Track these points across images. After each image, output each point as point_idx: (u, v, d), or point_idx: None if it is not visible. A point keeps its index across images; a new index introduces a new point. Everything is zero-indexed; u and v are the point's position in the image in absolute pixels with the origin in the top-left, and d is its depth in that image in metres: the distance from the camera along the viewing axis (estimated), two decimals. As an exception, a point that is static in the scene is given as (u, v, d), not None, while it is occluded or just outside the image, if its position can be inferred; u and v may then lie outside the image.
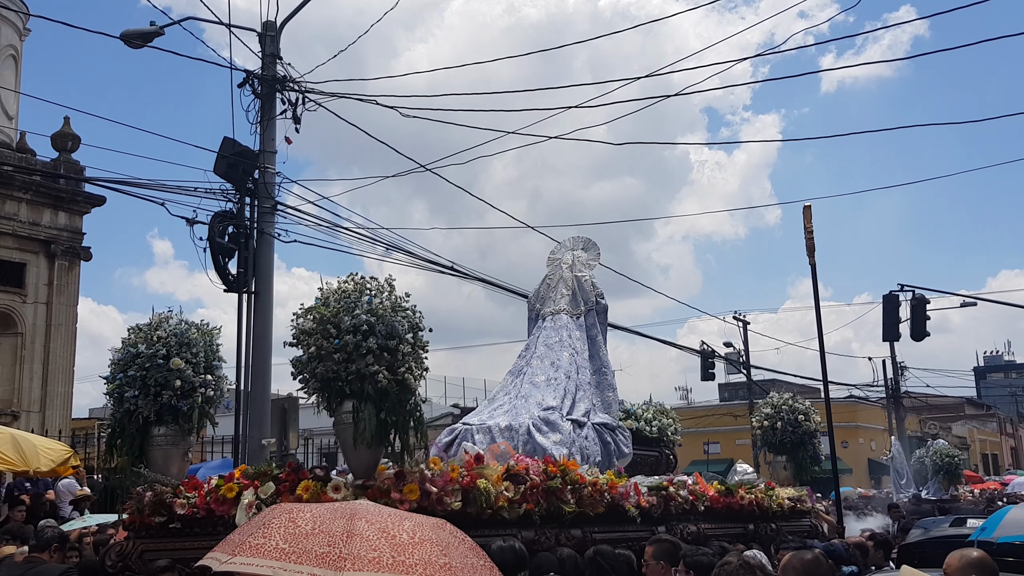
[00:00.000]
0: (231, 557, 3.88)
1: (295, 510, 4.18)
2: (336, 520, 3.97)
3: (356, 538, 3.84)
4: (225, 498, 6.64)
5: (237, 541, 4.04)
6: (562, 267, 11.13)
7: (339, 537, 3.83)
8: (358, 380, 6.42)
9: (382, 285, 6.83)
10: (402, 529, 4.02)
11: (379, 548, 3.83)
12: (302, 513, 4.08)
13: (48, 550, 7.26)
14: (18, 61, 23.26)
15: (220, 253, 12.97)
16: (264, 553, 3.80)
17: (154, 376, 7.26)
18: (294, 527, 3.92)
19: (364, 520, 4.00)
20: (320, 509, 4.20)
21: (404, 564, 3.80)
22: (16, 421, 19.95)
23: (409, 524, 4.11)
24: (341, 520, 3.97)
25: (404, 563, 3.81)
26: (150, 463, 7.34)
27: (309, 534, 3.86)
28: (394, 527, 4.02)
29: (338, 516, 4.02)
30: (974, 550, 4.87)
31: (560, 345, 10.31)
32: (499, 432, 9.07)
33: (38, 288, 21.92)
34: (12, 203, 21.51)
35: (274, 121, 13.51)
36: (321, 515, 4.03)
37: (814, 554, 4.90)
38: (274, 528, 3.94)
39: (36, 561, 6.69)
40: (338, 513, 4.08)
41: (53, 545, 7.75)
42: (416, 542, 3.94)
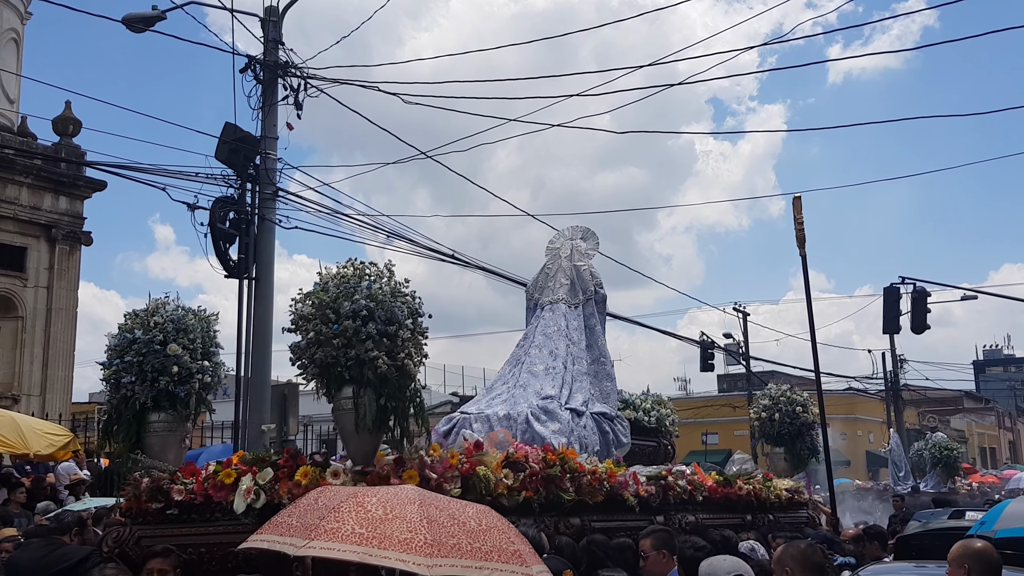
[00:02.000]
0: (308, 541, 3.82)
1: (359, 493, 4.16)
2: (406, 505, 3.94)
3: (435, 525, 3.84)
4: (223, 484, 6.61)
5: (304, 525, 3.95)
6: (561, 256, 11.10)
7: (418, 523, 3.81)
8: (357, 366, 6.39)
9: (381, 271, 6.79)
10: (468, 516, 4.03)
11: (456, 535, 3.84)
12: (368, 497, 4.05)
13: (68, 533, 7.27)
14: (20, 44, 23.18)
15: (221, 239, 12.96)
16: (343, 537, 3.76)
17: (151, 362, 7.22)
18: (364, 512, 3.88)
19: (434, 507, 3.99)
20: (383, 493, 4.17)
21: (480, 551, 3.81)
22: (16, 404, 19.96)
23: (472, 511, 4.12)
24: (412, 506, 3.94)
25: (480, 550, 3.82)
26: (147, 449, 7.31)
27: (384, 519, 3.83)
28: (461, 514, 4.02)
29: (406, 501, 3.99)
30: (978, 541, 4.87)
31: (559, 334, 10.30)
32: (498, 421, 9.07)
33: (39, 272, 21.90)
34: (13, 187, 21.48)
35: (276, 107, 13.47)
36: (388, 500, 4.00)
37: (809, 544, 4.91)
38: (345, 512, 3.89)
39: (58, 543, 6.71)
40: (404, 498, 4.04)
41: (74, 529, 7.76)
42: (484, 529, 3.96)
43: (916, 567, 7.31)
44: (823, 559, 4.79)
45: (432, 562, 3.68)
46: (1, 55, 21.86)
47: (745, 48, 27.99)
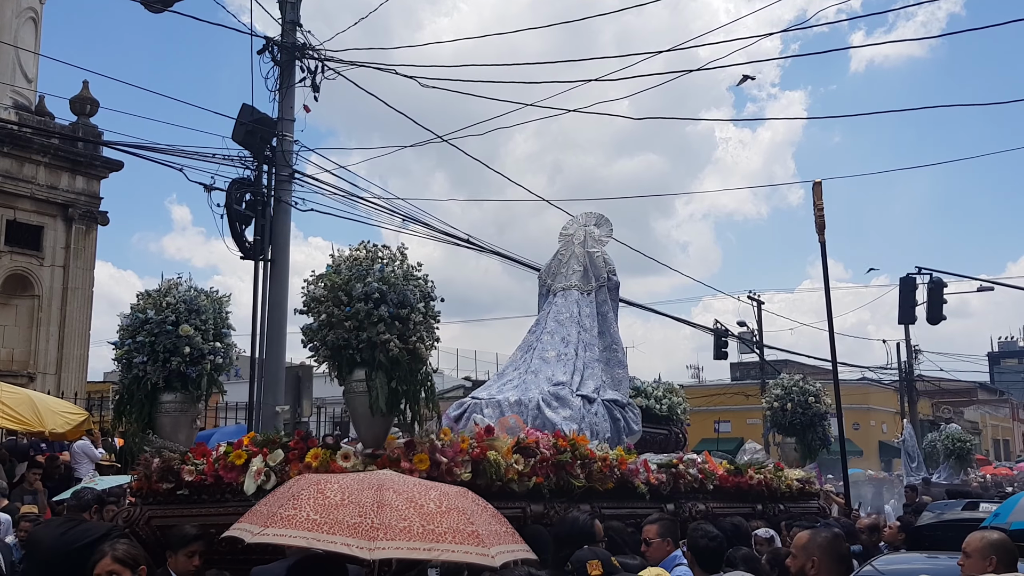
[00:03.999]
0: (263, 528, 3.93)
1: (322, 481, 4.22)
2: (364, 491, 4.00)
3: (386, 508, 3.88)
4: (233, 465, 6.64)
5: (267, 512, 4.08)
6: (574, 243, 11.06)
7: (369, 507, 3.87)
8: (369, 348, 6.38)
9: (394, 254, 6.77)
10: (429, 499, 4.06)
11: (409, 518, 3.87)
12: (329, 484, 4.12)
13: (88, 510, 7.33)
14: (38, 24, 23.21)
15: (237, 220, 12.98)
16: (296, 524, 3.84)
17: (163, 342, 7.23)
18: (323, 498, 3.96)
19: (392, 490, 4.04)
20: (347, 480, 4.24)
21: (433, 533, 3.84)
22: (32, 383, 20.10)
23: (435, 493, 4.16)
24: (369, 491, 4.00)
25: (433, 532, 3.85)
26: (159, 429, 7.33)
27: (339, 505, 3.90)
28: (421, 497, 4.06)
29: (366, 487, 4.06)
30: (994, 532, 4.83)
31: (571, 321, 10.27)
32: (509, 407, 9.06)
33: (55, 251, 22.01)
34: (30, 166, 21.55)
35: (293, 89, 13.46)
36: (349, 486, 4.07)
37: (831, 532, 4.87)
38: (303, 499, 3.97)
39: (78, 519, 6.77)
40: (365, 484, 4.11)
41: (93, 507, 7.82)
42: (443, 511, 3.98)
43: (929, 557, 7.28)
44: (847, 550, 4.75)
45: (375, 545, 3.74)
46: (19, 34, 21.90)
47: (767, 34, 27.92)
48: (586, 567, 4.55)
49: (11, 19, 21.70)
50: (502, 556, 3.92)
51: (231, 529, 4.23)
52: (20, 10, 22.11)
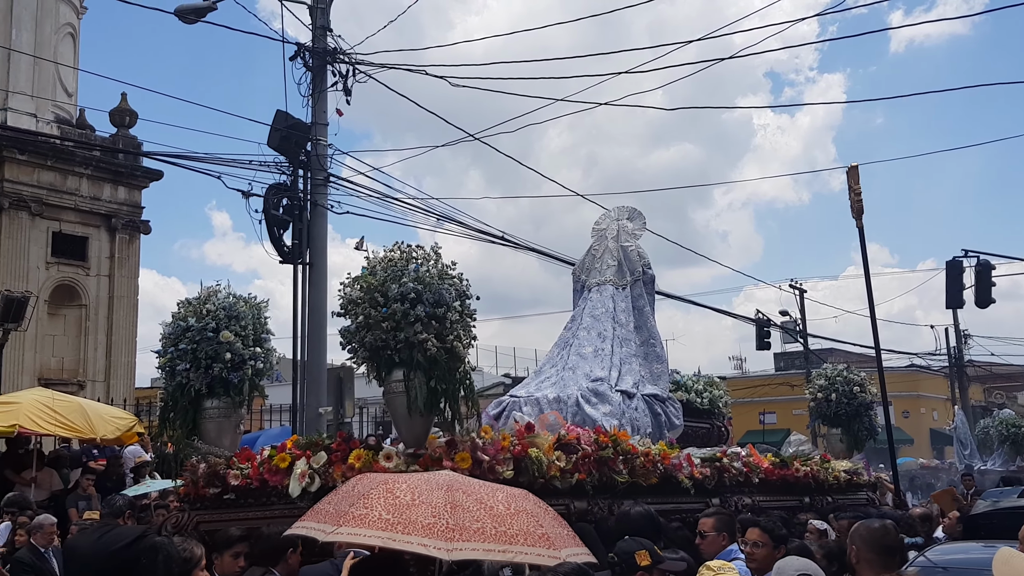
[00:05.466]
0: (336, 527, 3.95)
1: (390, 480, 4.24)
2: (434, 491, 4.01)
3: (459, 509, 3.90)
4: (278, 468, 6.69)
5: (335, 512, 4.08)
6: (607, 237, 10.99)
7: (442, 508, 3.88)
8: (407, 348, 6.40)
9: (428, 253, 6.79)
10: (497, 500, 4.07)
11: (481, 519, 3.89)
12: (398, 484, 4.13)
13: (122, 516, 7.46)
14: (76, 39, 23.61)
15: (275, 225, 13.10)
16: (370, 523, 3.86)
17: (204, 349, 7.30)
18: (393, 498, 3.97)
19: (461, 491, 4.06)
20: (415, 480, 4.25)
21: (506, 535, 3.85)
22: (82, 390, 20.45)
23: (502, 495, 4.17)
24: (439, 491, 4.01)
25: (505, 534, 3.86)
26: (203, 435, 7.41)
27: (411, 505, 3.91)
28: (489, 498, 4.07)
29: (435, 487, 4.07)
30: None
31: (606, 316, 10.20)
32: (547, 404, 9.03)
33: (100, 261, 22.38)
34: (74, 178, 21.93)
35: (325, 93, 13.55)
36: (418, 486, 4.08)
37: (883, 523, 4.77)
38: (373, 499, 3.98)
39: (112, 524, 6.88)
40: (434, 484, 4.12)
41: (127, 512, 7.94)
42: (512, 513, 4.00)
43: (985, 546, 7.14)
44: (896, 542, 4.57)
45: (452, 546, 3.74)
46: (59, 49, 22.28)
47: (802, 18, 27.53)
48: (634, 557, 4.49)
49: (50, 35, 22.08)
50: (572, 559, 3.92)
51: (300, 528, 4.23)
52: (59, 26, 22.50)
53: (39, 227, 21.23)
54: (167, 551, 4.69)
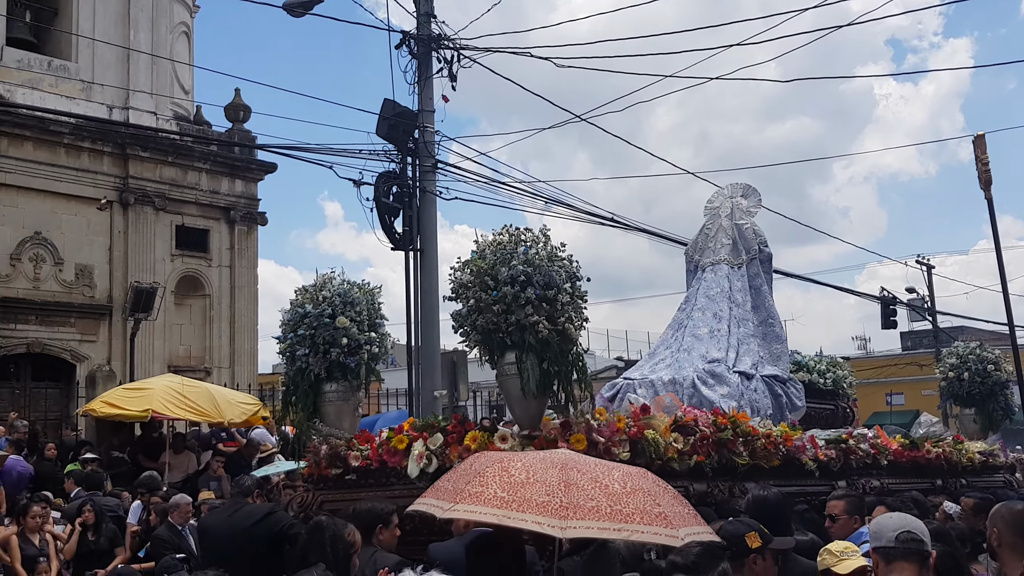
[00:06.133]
0: (453, 504, 4.02)
1: (505, 459, 4.27)
2: (548, 469, 4.02)
3: (573, 487, 3.88)
4: (396, 450, 6.82)
5: (453, 489, 4.16)
6: (721, 216, 10.73)
7: (556, 486, 3.88)
8: (518, 331, 6.40)
9: (537, 235, 6.77)
10: (612, 479, 4.03)
11: (595, 498, 3.86)
12: (513, 462, 4.16)
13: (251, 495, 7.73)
14: (190, 37, 24.43)
15: (386, 212, 13.27)
16: (485, 501, 3.90)
17: (322, 335, 7.48)
18: (508, 476, 4.00)
19: (576, 470, 4.04)
20: (530, 458, 4.27)
21: (621, 513, 3.82)
22: (208, 376, 21.26)
23: (618, 474, 4.13)
24: (554, 470, 4.01)
25: (621, 512, 3.82)
26: (324, 418, 7.61)
27: (525, 483, 3.93)
28: (605, 477, 4.04)
29: (549, 465, 4.07)
30: None
31: (721, 296, 9.97)
32: (662, 386, 8.91)
33: (221, 252, 23.18)
34: (193, 173, 22.75)
35: (431, 80, 13.62)
36: (532, 464, 4.10)
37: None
38: (489, 477, 4.03)
39: (242, 503, 7.16)
40: (548, 462, 4.12)
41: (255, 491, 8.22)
42: (628, 491, 3.95)
43: None
44: None
45: (566, 524, 3.72)
46: (174, 48, 23.09)
47: (919, -18, 26.11)
48: (744, 540, 4.36)
49: (165, 35, 22.90)
50: (690, 538, 3.83)
51: (420, 504, 4.31)
52: (173, 26, 23.31)
53: (163, 221, 22.10)
54: (333, 531, 4.82)
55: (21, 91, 19.98)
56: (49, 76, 20.84)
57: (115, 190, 21.40)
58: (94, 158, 21.21)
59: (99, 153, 21.24)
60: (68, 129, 20.44)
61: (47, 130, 20.18)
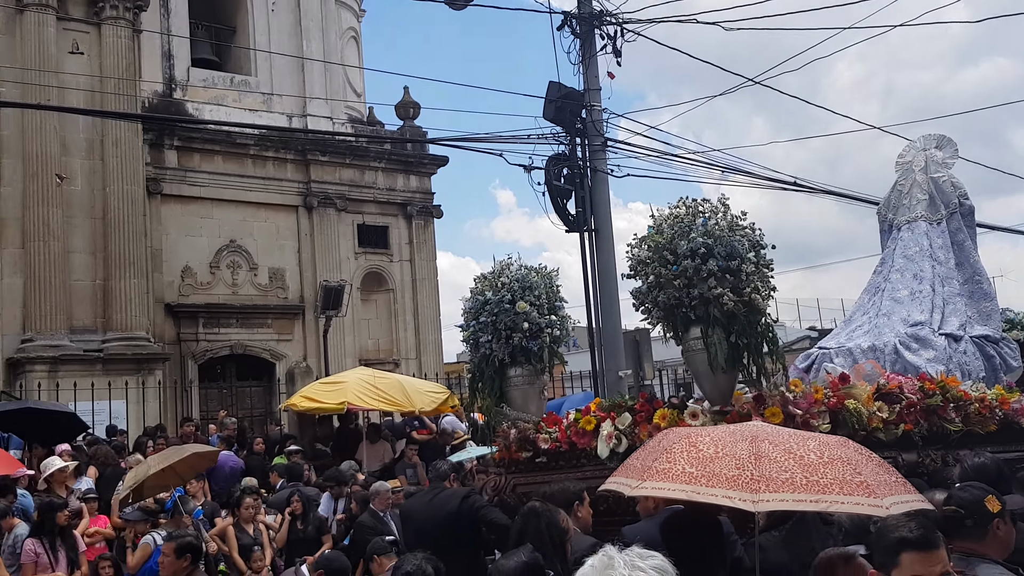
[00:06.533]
0: (641, 482, 4.01)
1: (693, 434, 4.21)
2: (738, 443, 3.93)
3: (764, 460, 3.78)
4: (585, 431, 6.79)
5: (641, 467, 4.15)
6: (914, 170, 10.02)
7: (746, 460, 3.80)
8: (702, 304, 6.24)
9: (716, 206, 6.56)
10: (808, 449, 3.88)
11: (790, 469, 3.74)
12: (701, 437, 4.09)
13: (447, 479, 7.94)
14: (358, 41, 25.28)
15: (558, 195, 13.24)
16: (673, 477, 3.87)
17: (503, 320, 7.56)
18: (696, 451, 3.94)
19: (767, 442, 3.93)
20: (718, 432, 4.19)
21: (818, 484, 3.68)
22: (397, 368, 22.01)
23: (814, 443, 3.97)
24: (743, 443, 3.93)
25: (818, 483, 3.68)
26: (510, 402, 7.68)
27: (714, 457, 3.87)
28: (800, 447, 3.90)
29: (739, 439, 3.99)
30: None
31: (921, 255, 9.34)
32: (861, 353, 8.45)
33: (400, 247, 23.95)
34: (370, 172, 23.58)
35: (595, 58, 13.46)
36: (721, 438, 4.02)
37: None
38: (676, 453, 3.99)
39: (440, 487, 7.36)
40: (738, 435, 4.04)
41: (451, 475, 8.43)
42: (825, 461, 3.79)
43: None
44: None
45: (758, 497, 3.61)
46: (344, 53, 23.96)
47: None
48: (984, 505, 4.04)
49: (335, 41, 23.77)
50: (897, 507, 3.59)
51: (610, 483, 4.32)
52: (342, 31, 24.19)
53: (345, 221, 23.02)
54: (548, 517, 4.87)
55: (208, 108, 21.24)
56: (232, 91, 22.06)
57: (300, 195, 22.47)
58: (278, 166, 22.33)
59: (283, 161, 22.35)
60: (253, 140, 21.60)
61: (234, 143, 21.39)
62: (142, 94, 19.75)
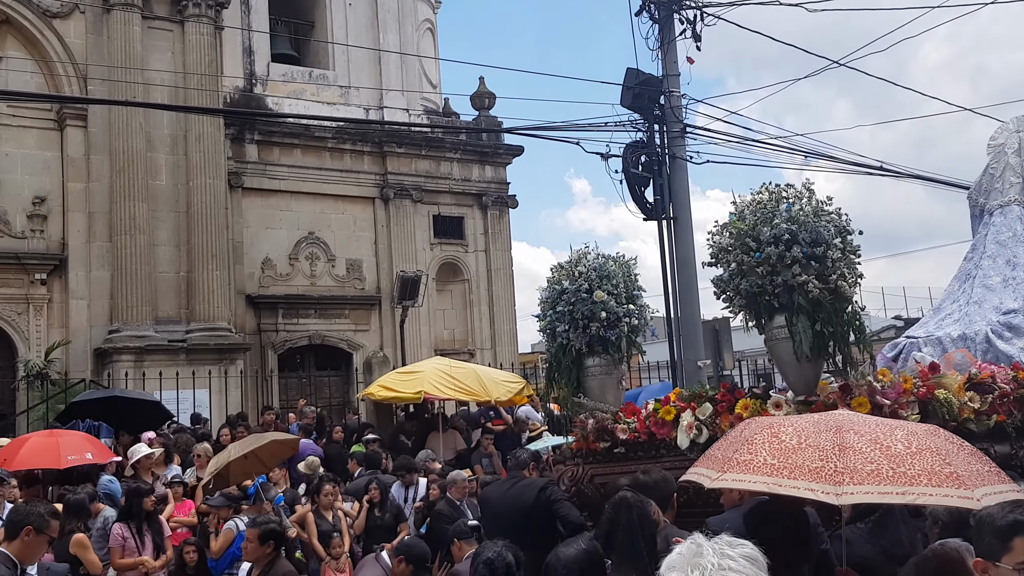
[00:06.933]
0: (721, 474, 3.95)
1: (775, 424, 4.13)
2: (822, 433, 3.85)
3: (849, 451, 3.69)
4: (664, 421, 6.70)
5: (722, 457, 4.09)
6: (1007, 153, 9.63)
7: (830, 451, 3.72)
8: (786, 292, 6.08)
9: (800, 191, 6.39)
10: (895, 439, 3.76)
11: (875, 460, 3.63)
12: (784, 427, 4.01)
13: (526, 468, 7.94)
14: (434, 33, 25.41)
15: (636, 183, 13.12)
16: (754, 469, 3.81)
17: (580, 310, 7.48)
18: (778, 442, 3.88)
19: (852, 432, 3.83)
20: (801, 422, 4.09)
21: (905, 476, 3.56)
22: (472, 358, 22.12)
23: (902, 433, 3.84)
24: (827, 433, 3.84)
25: (905, 475, 3.56)
26: (587, 392, 7.61)
27: (796, 448, 3.80)
28: (886, 437, 3.78)
29: (823, 429, 3.89)
30: None
31: (1015, 241, 8.99)
32: (951, 342, 8.17)
33: (476, 238, 24.03)
34: (446, 163, 23.71)
35: (674, 44, 13.28)
36: (804, 429, 3.94)
37: None
38: (758, 443, 3.93)
39: (519, 476, 7.37)
40: (822, 426, 3.94)
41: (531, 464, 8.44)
42: (913, 452, 3.67)
43: None
44: None
45: (841, 490, 3.52)
46: (420, 46, 24.10)
47: None
48: None
49: (411, 33, 23.93)
50: (989, 499, 3.44)
51: (691, 474, 4.27)
52: (418, 24, 24.34)
53: (420, 212, 23.19)
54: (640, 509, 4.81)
55: (288, 102, 21.58)
56: (311, 85, 22.38)
57: (376, 187, 22.69)
58: (355, 158, 22.60)
59: (359, 153, 22.60)
60: (330, 133, 21.88)
61: (312, 136, 21.71)
62: (224, 90, 20.17)
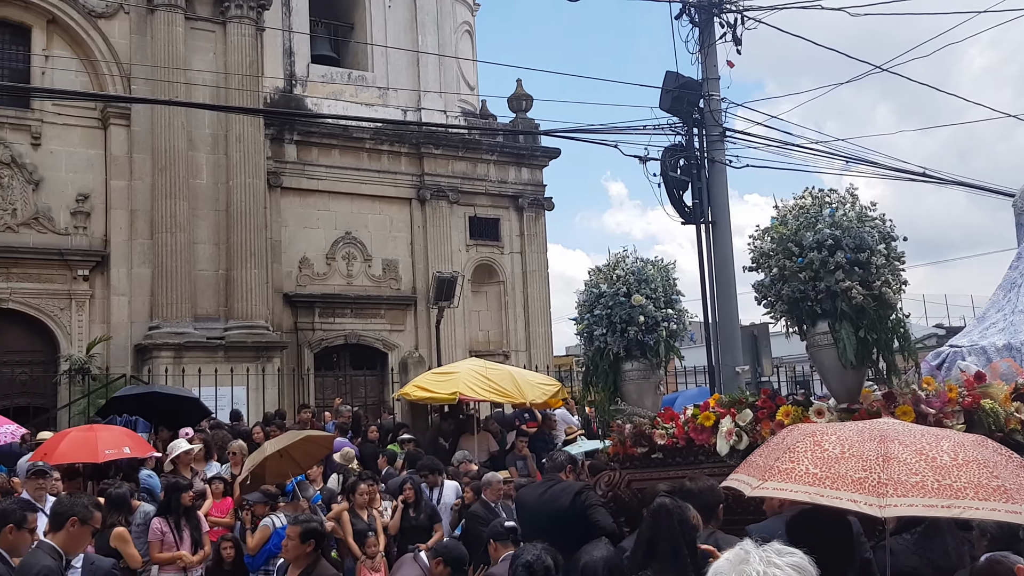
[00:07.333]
0: (762, 482, 3.90)
1: (818, 432, 4.07)
2: (866, 443, 3.78)
3: (893, 462, 3.62)
4: (703, 427, 6.65)
5: (763, 465, 4.03)
6: (1055, 158, 9.51)
7: (874, 461, 3.64)
8: (829, 298, 6.01)
9: (843, 196, 6.32)
10: (941, 450, 3.68)
11: (920, 472, 3.56)
12: (827, 435, 3.95)
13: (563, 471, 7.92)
14: (472, 35, 25.45)
15: (674, 187, 13.03)
16: (795, 478, 3.75)
17: (618, 313, 7.44)
18: (821, 451, 3.81)
19: (897, 442, 3.75)
20: (845, 431, 4.03)
21: (951, 488, 3.49)
22: (507, 360, 22.10)
23: (948, 444, 3.76)
24: (871, 443, 3.77)
25: (951, 487, 3.49)
26: (625, 396, 7.57)
27: (839, 458, 3.73)
28: (932, 448, 3.70)
29: (867, 438, 3.82)
30: None
31: (1061, 250, 8.87)
32: (996, 352, 8.05)
33: (511, 239, 24.02)
34: (483, 165, 23.73)
35: (714, 47, 13.18)
36: (848, 437, 3.87)
37: None
38: (800, 452, 3.86)
39: (555, 479, 7.33)
40: (866, 435, 3.87)
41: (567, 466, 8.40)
42: (960, 464, 3.59)
43: None
44: None
45: (885, 501, 3.45)
46: (458, 47, 24.15)
47: None
48: None
49: (450, 35, 23.99)
50: None
51: (731, 480, 4.23)
52: (456, 26, 24.39)
53: (457, 213, 23.23)
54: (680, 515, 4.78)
55: (327, 103, 21.73)
56: (349, 87, 22.51)
57: (413, 187, 22.77)
58: (393, 159, 22.69)
59: (397, 154, 22.69)
60: (368, 134, 21.99)
61: (350, 137, 21.83)
62: (264, 90, 20.35)
